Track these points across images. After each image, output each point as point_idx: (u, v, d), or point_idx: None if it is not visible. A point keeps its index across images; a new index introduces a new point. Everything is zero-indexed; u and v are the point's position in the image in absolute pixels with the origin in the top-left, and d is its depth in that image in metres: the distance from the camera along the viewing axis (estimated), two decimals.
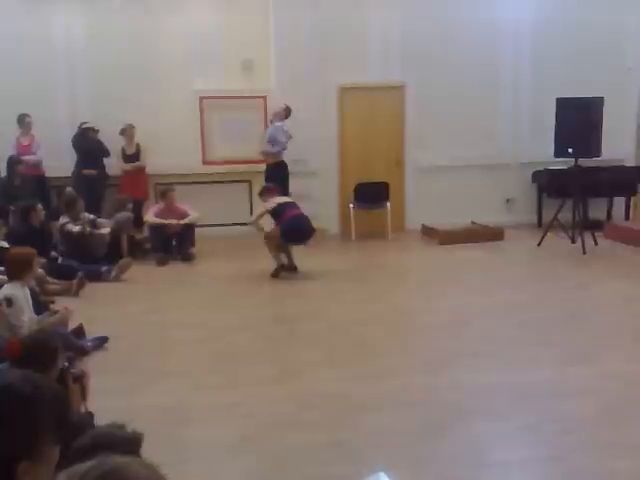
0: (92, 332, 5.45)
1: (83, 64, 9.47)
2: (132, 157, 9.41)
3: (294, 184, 9.15)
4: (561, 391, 4.43)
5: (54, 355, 3.10)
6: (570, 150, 8.36)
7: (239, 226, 9.93)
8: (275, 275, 7.58)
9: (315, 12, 9.43)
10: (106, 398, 4.02)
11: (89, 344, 5.25)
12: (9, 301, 4.73)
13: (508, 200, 10.39)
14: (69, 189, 8.40)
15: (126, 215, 8.70)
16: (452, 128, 9.94)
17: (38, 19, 9.26)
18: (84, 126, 9.12)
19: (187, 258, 8.53)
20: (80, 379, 3.20)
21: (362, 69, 9.69)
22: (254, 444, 3.80)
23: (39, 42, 9.26)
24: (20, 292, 4.85)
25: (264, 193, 7.96)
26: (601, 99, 8.41)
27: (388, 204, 9.65)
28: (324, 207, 9.54)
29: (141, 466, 1.14)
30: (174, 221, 8.57)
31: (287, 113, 9.25)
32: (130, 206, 8.94)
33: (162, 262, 8.37)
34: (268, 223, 7.76)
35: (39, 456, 1.37)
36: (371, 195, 9.65)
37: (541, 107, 9.60)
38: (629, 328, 5.75)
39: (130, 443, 1.52)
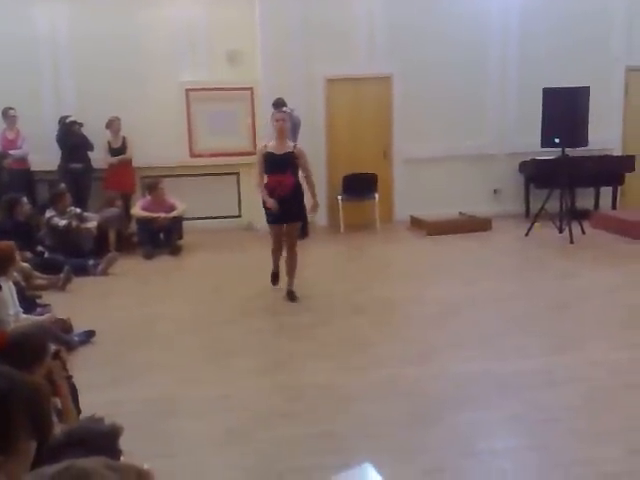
0: (79, 326, 5.43)
1: (67, 58, 9.40)
2: (118, 150, 9.34)
3: None
4: (547, 380, 4.45)
5: (42, 350, 3.04)
6: (557, 140, 8.38)
7: (227, 219, 9.94)
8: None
9: (301, 3, 9.39)
10: (93, 392, 4.00)
11: (76, 339, 5.23)
12: None
13: (495, 191, 10.40)
14: (62, 185, 8.32)
15: (114, 211, 8.66)
16: (439, 119, 9.94)
17: (22, 13, 9.17)
18: (68, 120, 9.02)
19: (174, 251, 8.50)
20: (58, 354, 3.17)
21: (349, 60, 9.66)
22: (241, 436, 3.80)
23: (23, 37, 9.16)
24: (4, 287, 4.82)
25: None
26: (587, 89, 8.42)
27: (376, 195, 9.64)
28: None
29: (108, 469, 1.13)
30: (162, 215, 8.54)
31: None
32: (119, 203, 8.90)
33: (149, 255, 8.33)
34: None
35: (14, 451, 1.36)
36: (359, 187, 9.64)
37: (528, 97, 9.60)
38: (616, 317, 5.78)
39: (106, 437, 1.51)
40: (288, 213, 6.25)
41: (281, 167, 6.21)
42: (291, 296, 6.44)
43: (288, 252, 6.50)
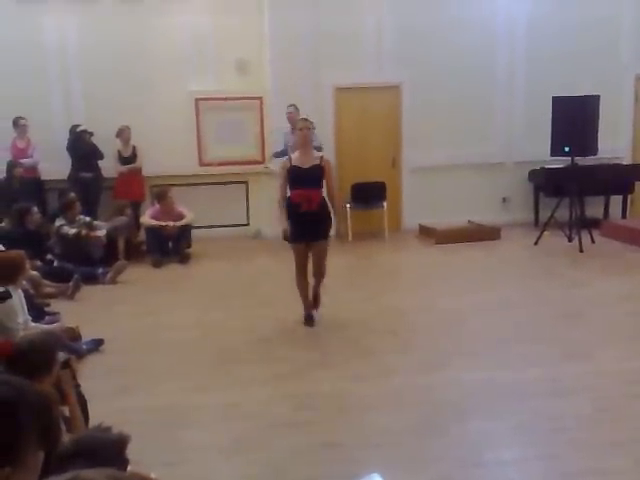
0: (87, 334, 5.45)
1: (77, 67, 9.47)
2: (128, 159, 9.40)
3: None
4: (556, 389, 4.43)
5: (51, 359, 3.04)
6: (566, 149, 8.36)
7: (236, 227, 9.97)
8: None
9: (310, 12, 9.42)
10: (101, 400, 4.01)
11: (84, 347, 5.24)
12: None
13: (504, 199, 10.38)
14: (72, 194, 8.36)
15: (123, 219, 8.70)
16: (448, 127, 9.93)
17: (31, 22, 9.24)
18: (79, 129, 9.09)
19: (183, 259, 8.53)
20: (68, 363, 3.18)
21: (357, 69, 9.68)
22: (249, 446, 3.80)
23: (32, 45, 9.24)
24: (14, 295, 4.85)
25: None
26: (597, 97, 8.41)
27: (385, 204, 9.64)
28: None
29: None
30: (170, 223, 8.58)
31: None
32: (129, 211, 8.94)
33: (158, 264, 8.36)
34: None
35: (22, 462, 1.35)
36: (368, 195, 9.65)
37: (537, 106, 9.59)
38: (625, 326, 5.75)
39: (114, 446, 1.51)
40: (314, 231, 5.67)
41: (308, 181, 5.60)
42: (309, 321, 5.93)
43: (316, 276, 5.88)
